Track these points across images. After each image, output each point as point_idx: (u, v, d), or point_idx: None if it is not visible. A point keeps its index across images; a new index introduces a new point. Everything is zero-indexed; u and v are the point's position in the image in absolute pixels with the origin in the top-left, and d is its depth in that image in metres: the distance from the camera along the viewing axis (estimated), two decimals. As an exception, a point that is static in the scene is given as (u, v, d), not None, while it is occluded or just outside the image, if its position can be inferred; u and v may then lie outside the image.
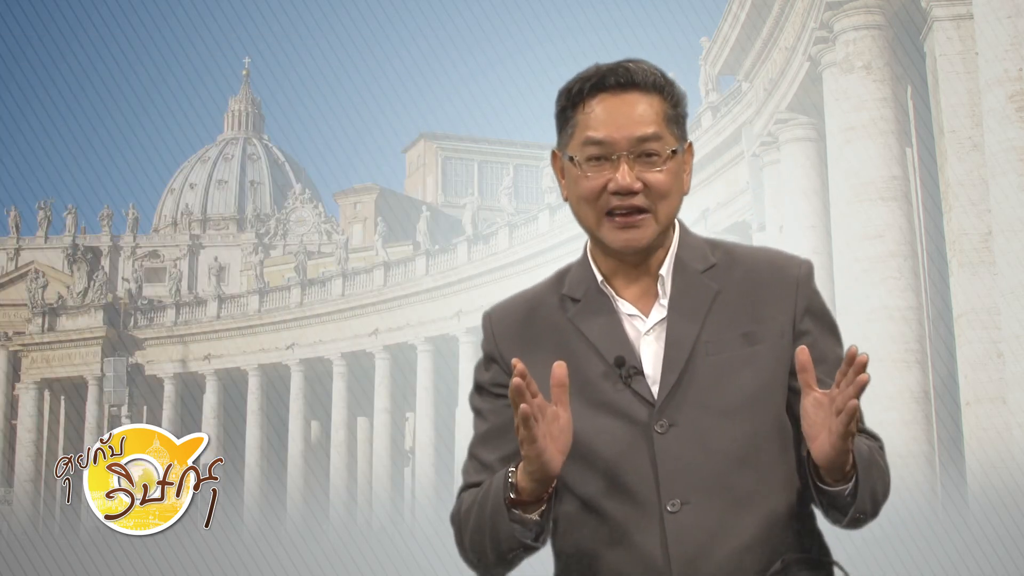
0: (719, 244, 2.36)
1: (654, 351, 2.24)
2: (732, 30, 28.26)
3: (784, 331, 2.26)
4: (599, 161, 2.23)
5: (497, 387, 2.33)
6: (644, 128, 2.22)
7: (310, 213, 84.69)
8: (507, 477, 2.14)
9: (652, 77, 2.25)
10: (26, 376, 63.58)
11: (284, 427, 56.48)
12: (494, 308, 2.41)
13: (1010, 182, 17.33)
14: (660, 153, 2.23)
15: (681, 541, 2.16)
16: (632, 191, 2.22)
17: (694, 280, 2.28)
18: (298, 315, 56.82)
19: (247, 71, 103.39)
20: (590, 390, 2.22)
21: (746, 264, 2.31)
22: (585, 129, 2.24)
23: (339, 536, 41.51)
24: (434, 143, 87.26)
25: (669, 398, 2.20)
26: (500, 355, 2.33)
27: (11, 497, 59.68)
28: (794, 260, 2.34)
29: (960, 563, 14.98)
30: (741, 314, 2.26)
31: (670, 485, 2.17)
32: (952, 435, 20.61)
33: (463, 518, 2.26)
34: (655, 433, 2.19)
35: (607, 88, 2.24)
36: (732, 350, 2.23)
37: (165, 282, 71.17)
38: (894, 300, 21.06)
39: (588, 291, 2.30)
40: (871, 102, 21.90)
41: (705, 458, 2.18)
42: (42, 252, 78.30)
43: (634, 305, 2.28)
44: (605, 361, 2.23)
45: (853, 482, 2.13)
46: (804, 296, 2.30)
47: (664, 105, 2.25)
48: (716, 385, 2.21)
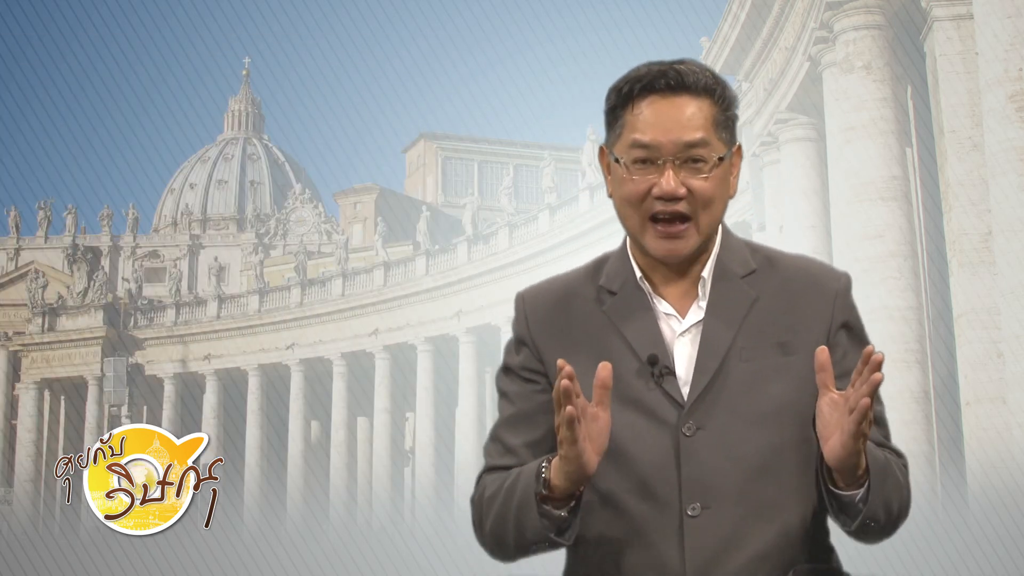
0: (759, 249, 2.34)
1: (688, 353, 2.23)
2: (732, 30, 28.26)
3: (819, 343, 2.23)
4: (645, 164, 2.21)
5: (526, 371, 2.31)
6: (692, 133, 2.19)
7: (310, 213, 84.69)
8: (540, 472, 2.12)
9: (704, 80, 2.22)
10: (26, 376, 63.57)
11: (284, 427, 56.48)
12: (528, 290, 2.40)
13: (1010, 182, 17.33)
14: (707, 159, 2.20)
15: (698, 546, 2.16)
16: (676, 197, 2.20)
17: (733, 285, 2.27)
18: (298, 315, 56.82)
19: (247, 71, 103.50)
20: (621, 386, 2.20)
21: (785, 272, 2.30)
22: (632, 131, 2.22)
23: (339, 536, 41.50)
24: (434, 143, 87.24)
25: (699, 401, 2.19)
26: (532, 340, 2.32)
27: (11, 497, 59.67)
28: (833, 273, 2.33)
29: (960, 563, 14.98)
30: (777, 323, 2.24)
31: (692, 489, 2.17)
32: (952, 435, 20.61)
33: (485, 503, 2.25)
34: (682, 435, 2.18)
35: (657, 90, 2.21)
36: (765, 359, 2.22)
37: (165, 282, 71.17)
38: (894, 300, 21.06)
39: (625, 285, 2.29)
40: (871, 102, 21.89)
41: (729, 465, 2.17)
42: (42, 252, 78.30)
43: (671, 304, 2.27)
44: (638, 358, 2.22)
45: (865, 488, 2.12)
46: (841, 310, 2.29)
47: (714, 109, 2.22)
48: (747, 392, 2.20)
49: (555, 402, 2.03)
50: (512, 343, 2.37)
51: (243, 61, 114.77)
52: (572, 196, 47.21)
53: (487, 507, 2.24)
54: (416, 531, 41.56)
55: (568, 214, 46.20)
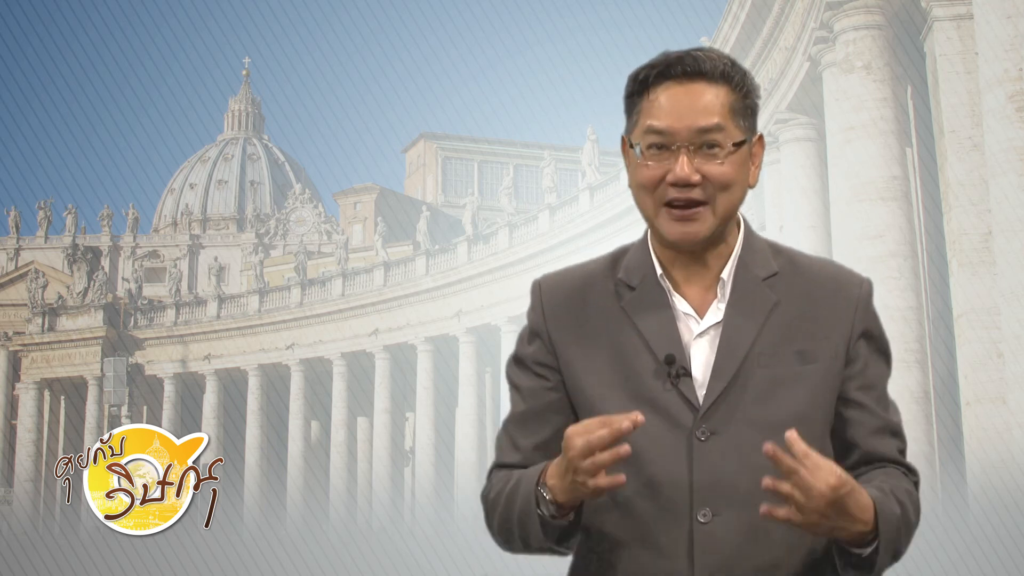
0: (782, 250, 2.30)
1: (705, 355, 2.19)
2: (732, 30, 28.26)
3: (838, 353, 2.22)
4: (660, 150, 2.18)
5: (538, 365, 2.28)
6: (707, 119, 2.16)
7: (310, 213, 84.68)
8: (540, 494, 2.10)
9: (721, 66, 2.19)
10: (26, 376, 63.56)
11: (284, 427, 56.47)
12: (545, 278, 2.35)
13: (1010, 182, 17.32)
14: (722, 145, 2.17)
15: (708, 552, 2.13)
16: (690, 183, 2.16)
17: (754, 287, 2.23)
18: (298, 315, 56.81)
19: (247, 71, 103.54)
20: (637, 384, 2.18)
21: (807, 276, 2.26)
22: (648, 117, 2.19)
23: (339, 536, 41.49)
24: (434, 143, 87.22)
25: (715, 406, 2.16)
26: (547, 331, 2.29)
27: (11, 497, 59.67)
28: (855, 279, 2.29)
29: (960, 563, 14.97)
30: (797, 330, 2.21)
31: (704, 494, 2.14)
32: (952, 435, 20.61)
33: (492, 503, 2.23)
34: (696, 440, 2.15)
35: (673, 77, 2.18)
36: (784, 366, 2.18)
37: (165, 282, 71.15)
38: (894, 300, 21.06)
39: (645, 280, 2.25)
40: (871, 102, 21.89)
41: (742, 472, 2.14)
42: (42, 252, 78.33)
43: (690, 303, 2.24)
44: (655, 358, 2.19)
45: (873, 548, 2.07)
46: (862, 319, 2.26)
47: (732, 96, 2.19)
48: (763, 399, 2.17)
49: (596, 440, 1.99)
50: (526, 332, 2.33)
51: (243, 61, 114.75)
52: (572, 196, 47.20)
53: (492, 508, 2.23)
54: (416, 531, 41.58)
55: (568, 214, 46.20)
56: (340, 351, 54.69)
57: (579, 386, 2.24)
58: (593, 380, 2.22)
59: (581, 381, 2.24)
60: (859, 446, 2.25)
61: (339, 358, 54.72)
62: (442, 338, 50.75)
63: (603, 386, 2.21)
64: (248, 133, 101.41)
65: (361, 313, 54.35)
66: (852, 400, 2.25)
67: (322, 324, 55.71)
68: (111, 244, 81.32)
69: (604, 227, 42.46)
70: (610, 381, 2.21)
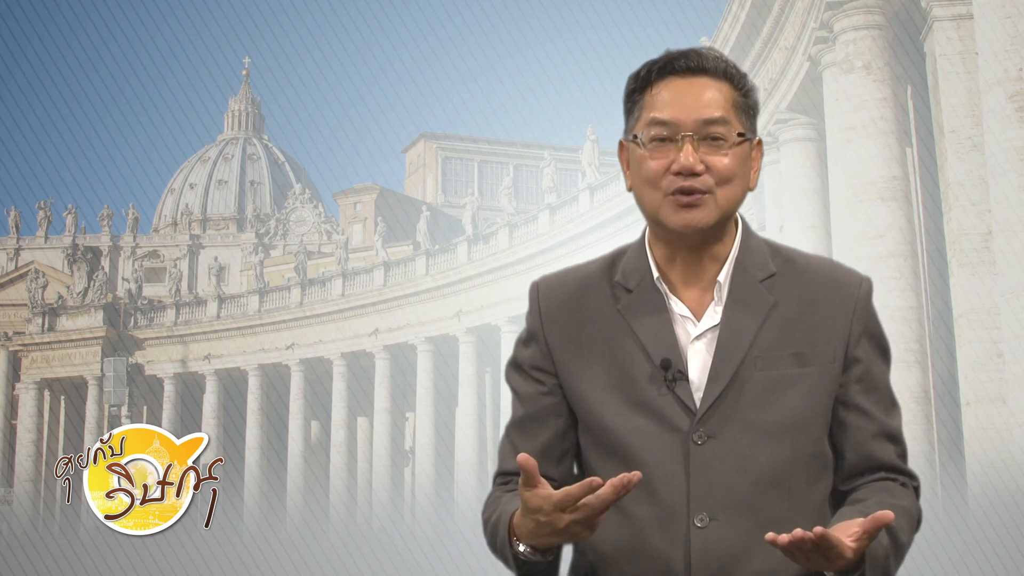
0: (780, 250, 2.29)
1: (702, 358, 2.18)
2: (732, 30, 28.26)
3: (836, 355, 2.20)
4: (664, 142, 2.17)
5: (535, 370, 2.28)
6: (711, 111, 2.16)
7: (310, 213, 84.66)
8: (513, 545, 2.09)
9: (723, 65, 2.21)
10: (26, 376, 63.56)
11: (284, 427, 56.47)
12: (543, 281, 2.34)
13: (1010, 182, 17.32)
14: (726, 137, 2.17)
15: (705, 557, 2.12)
16: (695, 172, 2.15)
17: (752, 289, 2.21)
18: (298, 315, 56.81)
19: (247, 71, 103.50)
20: (633, 388, 2.18)
21: (805, 277, 2.24)
22: (651, 110, 2.19)
23: (339, 536, 41.48)
24: (434, 143, 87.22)
25: (712, 410, 2.15)
26: (544, 336, 2.28)
27: (11, 497, 59.65)
28: (854, 279, 2.28)
29: (960, 563, 14.96)
30: (795, 332, 2.19)
31: (701, 499, 2.13)
32: (952, 435, 20.61)
33: (484, 524, 2.23)
34: (692, 444, 2.14)
35: (676, 71, 2.19)
36: (782, 368, 2.17)
37: (165, 282, 71.14)
38: (894, 300, 21.05)
39: (642, 283, 2.24)
40: (871, 102, 21.89)
41: (739, 476, 2.13)
42: (42, 252, 78.31)
43: (688, 306, 2.22)
44: (652, 362, 2.18)
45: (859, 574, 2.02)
46: (861, 319, 2.24)
47: (734, 93, 2.20)
48: (761, 402, 2.15)
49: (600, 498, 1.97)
50: (524, 335, 2.33)
51: (243, 61, 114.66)
52: (572, 196, 47.19)
53: (485, 524, 2.23)
54: (416, 531, 41.55)
55: (568, 214, 46.19)
56: (340, 351, 54.69)
57: (576, 390, 2.24)
58: (590, 384, 2.22)
59: (578, 385, 2.23)
60: (858, 451, 2.24)
61: (339, 358, 54.72)
62: (442, 338, 50.75)
63: (600, 390, 2.21)
64: (248, 133, 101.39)
65: (361, 313, 54.35)
66: (854, 404, 2.24)
67: (322, 324, 55.71)
68: (111, 244, 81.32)
69: (604, 227, 42.45)
70: (607, 385, 2.20)
